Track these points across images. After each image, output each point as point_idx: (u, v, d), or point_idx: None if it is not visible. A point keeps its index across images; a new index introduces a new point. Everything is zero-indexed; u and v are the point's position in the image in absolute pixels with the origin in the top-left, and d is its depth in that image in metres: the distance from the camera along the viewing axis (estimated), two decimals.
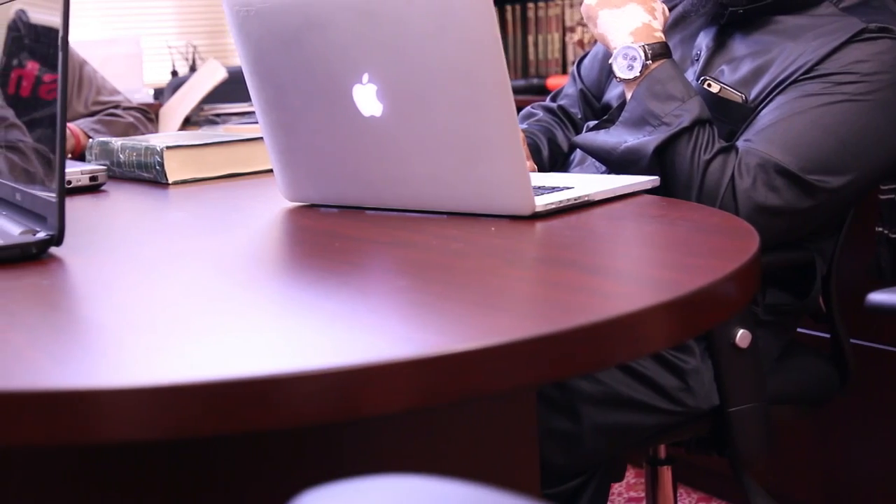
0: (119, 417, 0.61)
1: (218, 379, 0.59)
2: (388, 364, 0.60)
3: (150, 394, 0.60)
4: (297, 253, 0.98)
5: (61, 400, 0.62)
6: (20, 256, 0.99)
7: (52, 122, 1.05)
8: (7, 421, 0.62)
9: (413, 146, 1.11)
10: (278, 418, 0.61)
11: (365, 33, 1.09)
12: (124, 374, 0.63)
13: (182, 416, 0.60)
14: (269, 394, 0.60)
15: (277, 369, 0.60)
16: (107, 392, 0.61)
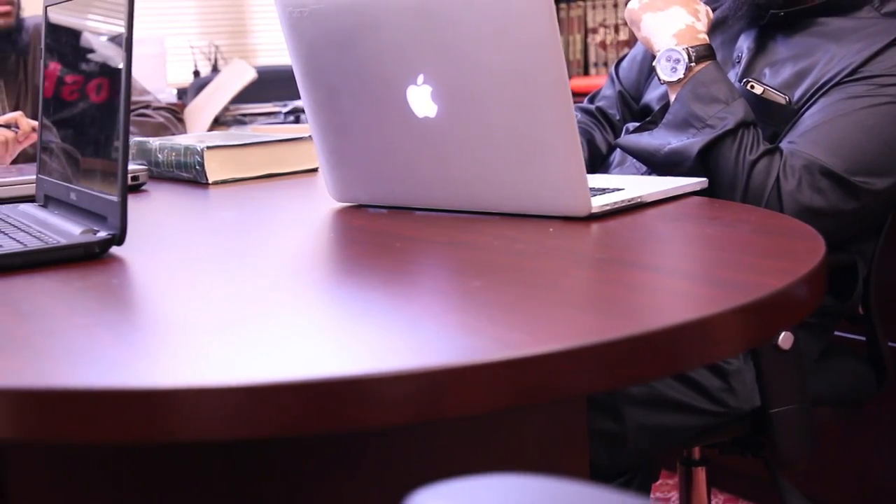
0: (217, 415, 0.62)
1: (318, 377, 0.60)
2: (483, 364, 0.61)
3: (248, 392, 0.61)
4: (359, 253, 0.99)
5: (153, 398, 0.63)
6: (83, 255, 0.99)
7: (107, 123, 1.05)
8: (101, 418, 0.63)
9: (467, 147, 1.11)
10: (376, 417, 0.62)
11: (421, 35, 1.09)
12: (220, 373, 0.63)
13: (283, 415, 0.60)
14: (368, 392, 0.60)
15: (375, 368, 0.60)
16: (206, 390, 0.61)
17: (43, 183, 1.26)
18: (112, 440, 0.64)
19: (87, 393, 0.63)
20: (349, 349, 0.66)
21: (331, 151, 1.25)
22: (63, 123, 1.19)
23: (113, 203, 1.01)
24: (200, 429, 0.64)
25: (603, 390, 0.80)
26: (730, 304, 0.69)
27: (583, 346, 0.63)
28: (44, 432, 0.65)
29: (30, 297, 0.87)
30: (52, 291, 0.88)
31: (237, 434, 0.63)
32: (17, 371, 0.67)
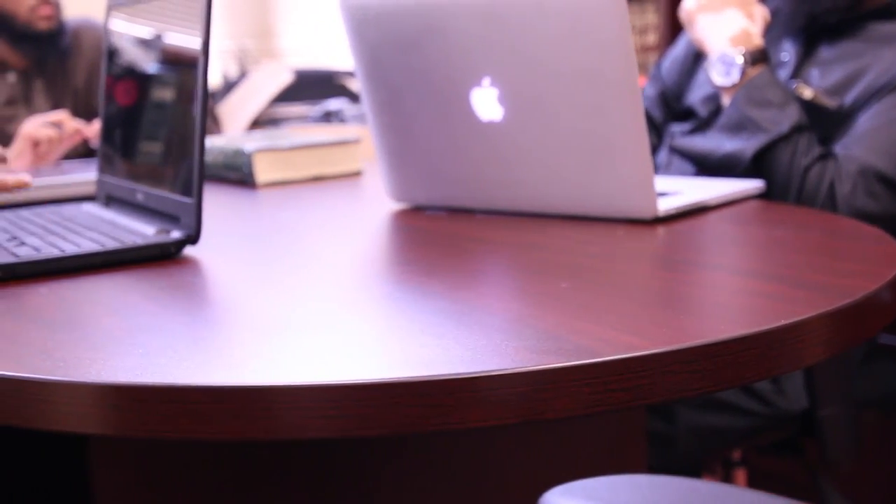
0: (322, 414, 0.63)
1: (431, 377, 0.61)
2: (596, 364, 0.62)
3: (356, 390, 0.62)
4: (435, 254, 1.00)
5: (258, 395, 0.64)
6: (160, 255, 1.00)
7: (180, 125, 1.06)
8: (206, 416, 0.64)
9: (533, 149, 1.12)
10: (486, 417, 0.63)
11: (488, 38, 1.10)
12: (326, 372, 0.65)
13: (394, 414, 0.61)
14: (481, 392, 0.61)
15: (487, 368, 0.61)
16: (311, 388, 0.62)
17: (105, 183, 1.27)
18: (214, 437, 0.65)
19: (194, 390, 0.64)
20: (454, 349, 0.67)
21: (391, 153, 1.26)
22: (129, 125, 1.20)
23: (187, 204, 1.02)
24: (304, 427, 0.65)
25: (707, 392, 0.81)
26: (824, 308, 0.70)
27: (690, 348, 0.63)
28: (144, 429, 0.66)
29: (121, 296, 0.88)
30: (140, 290, 0.89)
31: (346, 433, 0.64)
32: (121, 368, 0.68)
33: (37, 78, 2.06)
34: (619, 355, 0.62)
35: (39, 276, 0.94)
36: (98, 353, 0.70)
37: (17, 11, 1.98)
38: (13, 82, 2.03)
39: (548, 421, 0.72)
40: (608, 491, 0.50)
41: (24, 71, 2.04)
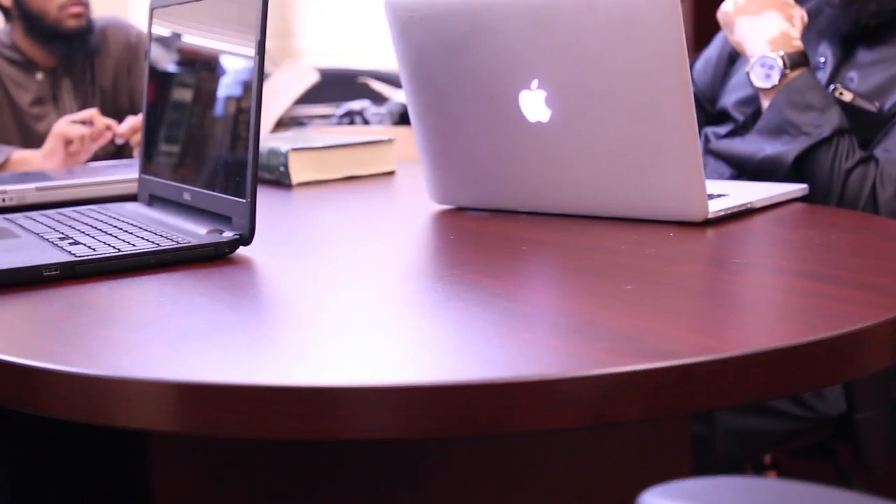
0: (388, 414, 0.63)
1: (503, 379, 0.61)
2: (676, 367, 0.62)
3: (423, 392, 0.62)
4: (489, 255, 1.00)
5: (324, 395, 0.64)
6: (214, 255, 1.01)
7: (232, 126, 1.07)
8: (271, 415, 0.64)
9: (581, 151, 1.12)
10: (557, 419, 0.63)
11: (538, 40, 1.10)
12: (393, 373, 0.65)
13: (461, 415, 0.62)
14: (565, 394, 0.61)
15: (572, 370, 0.62)
16: (379, 389, 0.63)
17: (147, 183, 1.28)
18: (280, 436, 0.66)
19: (277, 390, 0.64)
20: (530, 350, 0.67)
21: (434, 154, 1.26)
22: (174, 126, 1.21)
23: (241, 204, 1.02)
24: (370, 428, 0.65)
25: (781, 396, 0.81)
26: (893, 312, 0.70)
27: (769, 351, 0.64)
28: (212, 427, 0.66)
29: (184, 295, 0.88)
30: (202, 289, 0.90)
31: (427, 434, 0.64)
32: (202, 366, 0.68)
33: (64, 77, 2.06)
34: (699, 357, 0.62)
35: (97, 275, 0.94)
36: (176, 352, 0.71)
37: (47, 10, 1.99)
38: (41, 81, 2.04)
39: (624, 423, 0.72)
40: (709, 492, 0.50)
41: (51, 70, 2.05)
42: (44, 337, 0.77)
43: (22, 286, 0.91)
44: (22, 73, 2.02)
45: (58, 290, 0.90)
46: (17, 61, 2.02)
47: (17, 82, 2.02)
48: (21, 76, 2.02)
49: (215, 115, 1.10)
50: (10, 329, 0.79)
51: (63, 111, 2.04)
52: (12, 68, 2.01)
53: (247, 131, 1.01)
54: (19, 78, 2.02)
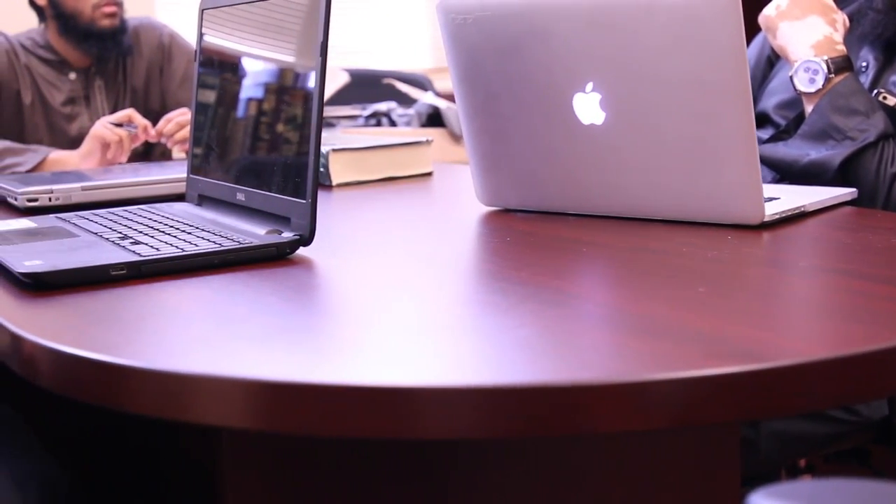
0: (464, 415, 0.64)
1: (591, 381, 0.62)
2: (776, 369, 0.62)
3: (500, 393, 0.62)
4: (546, 256, 1.00)
5: (403, 396, 0.64)
6: (275, 255, 1.01)
7: (291, 126, 1.07)
8: (351, 414, 0.64)
9: (634, 154, 1.13)
10: (642, 422, 0.63)
11: (594, 42, 1.11)
12: (466, 374, 0.65)
13: (533, 417, 0.62)
14: (647, 395, 0.62)
15: (671, 371, 0.62)
16: (456, 390, 0.63)
17: (196, 183, 1.28)
18: (360, 435, 0.66)
19: (345, 389, 0.64)
20: (622, 352, 0.68)
21: (484, 156, 1.26)
22: (227, 127, 1.21)
23: (301, 205, 1.03)
24: (447, 428, 0.65)
25: (867, 400, 0.82)
26: None
27: (861, 354, 0.64)
28: (295, 425, 0.67)
29: (254, 294, 0.88)
30: (271, 289, 0.90)
31: (485, 434, 0.65)
32: (276, 364, 0.68)
33: (97, 77, 2.07)
34: (792, 360, 0.63)
35: (161, 275, 0.95)
36: (258, 351, 0.71)
37: (81, 10, 1.99)
38: (74, 81, 2.05)
39: (711, 425, 0.72)
40: (818, 495, 0.51)
41: (84, 70, 2.06)
42: (124, 335, 0.77)
43: (89, 285, 0.92)
44: (55, 72, 2.03)
45: (126, 289, 0.91)
46: (50, 61, 2.02)
47: (50, 81, 2.02)
48: (54, 76, 2.03)
49: (271, 116, 1.11)
50: (90, 327, 0.79)
51: (95, 111, 2.05)
52: (46, 68, 2.02)
53: (306, 133, 1.02)
54: (52, 77, 2.02)
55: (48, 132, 2.02)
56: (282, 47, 1.10)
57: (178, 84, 2.10)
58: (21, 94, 1.99)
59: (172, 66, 2.11)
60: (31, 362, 0.75)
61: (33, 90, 2.01)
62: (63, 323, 0.81)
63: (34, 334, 0.76)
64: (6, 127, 1.97)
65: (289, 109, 1.08)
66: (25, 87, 2.00)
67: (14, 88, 1.98)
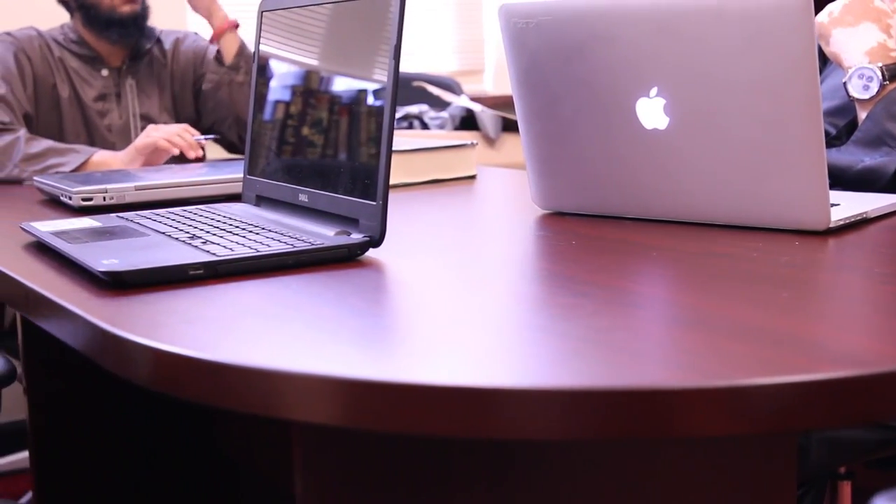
0: (550, 416, 0.64)
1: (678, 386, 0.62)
2: (882, 375, 0.62)
3: (581, 396, 0.63)
4: (622, 261, 1.01)
5: (487, 397, 0.65)
6: (346, 256, 1.02)
7: (361, 128, 1.08)
8: (435, 412, 0.65)
9: (698, 158, 1.13)
10: (744, 424, 0.64)
11: (660, 47, 1.11)
12: (549, 376, 0.66)
13: (615, 419, 0.63)
14: (749, 399, 0.62)
15: (754, 377, 0.62)
16: (539, 392, 0.64)
17: (254, 184, 1.29)
18: (445, 434, 0.67)
19: (436, 389, 0.65)
20: (712, 355, 0.68)
21: (542, 159, 1.27)
22: (289, 129, 1.22)
23: (370, 207, 1.03)
24: (530, 428, 0.66)
25: None
26: None
27: None
28: (380, 423, 0.67)
29: (337, 296, 0.89)
30: (350, 290, 0.90)
31: (567, 435, 0.65)
32: (364, 363, 0.69)
33: (128, 76, 2.08)
34: None
35: (237, 275, 0.95)
36: (348, 350, 0.72)
37: None
38: (106, 77, 2.05)
39: (808, 430, 0.72)
40: None
41: (117, 68, 2.06)
42: (214, 334, 0.78)
43: (167, 284, 0.92)
44: (88, 68, 2.03)
45: (204, 288, 0.91)
46: (83, 56, 2.03)
47: (83, 77, 2.03)
48: (87, 71, 2.03)
49: (337, 119, 1.11)
50: (180, 326, 0.80)
51: (125, 109, 2.06)
52: (79, 62, 2.02)
53: (377, 134, 1.02)
54: (85, 73, 2.03)
55: (84, 127, 2.03)
56: (349, 50, 1.11)
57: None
58: (58, 88, 2.00)
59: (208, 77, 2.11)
60: (128, 361, 0.76)
61: (68, 84, 2.01)
62: (151, 321, 0.82)
63: (129, 332, 0.76)
64: (44, 121, 1.98)
65: (357, 112, 1.08)
66: (61, 81, 2.00)
67: (50, 82, 1.99)
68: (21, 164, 1.75)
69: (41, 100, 1.98)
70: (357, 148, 1.08)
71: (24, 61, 1.96)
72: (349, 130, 1.10)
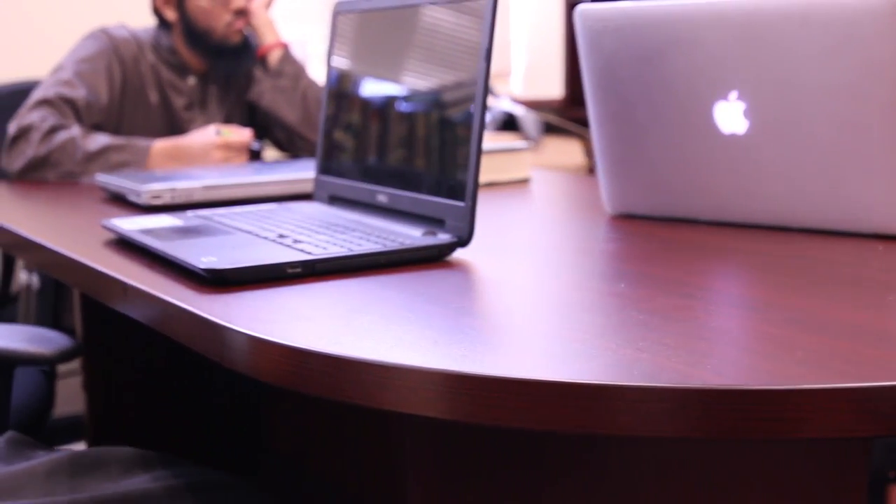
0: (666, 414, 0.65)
1: None
2: None
3: (700, 395, 0.64)
4: (712, 265, 1.01)
5: (602, 393, 0.66)
6: (436, 256, 1.03)
7: (443, 129, 1.09)
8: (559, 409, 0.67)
9: (777, 163, 1.14)
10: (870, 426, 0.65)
11: (742, 51, 1.12)
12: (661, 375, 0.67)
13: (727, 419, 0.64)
14: (872, 401, 0.63)
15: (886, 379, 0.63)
16: (656, 390, 0.65)
17: (327, 184, 1.30)
18: (560, 429, 0.68)
19: (542, 384, 0.67)
20: (832, 356, 0.69)
21: (614, 162, 1.28)
22: (366, 129, 1.23)
23: (458, 207, 1.04)
24: (646, 426, 0.67)
25: None
26: None
27: None
28: (489, 416, 0.68)
29: (441, 294, 0.90)
30: (449, 288, 0.92)
31: (685, 433, 0.66)
32: (481, 359, 0.70)
33: (212, 84, 2.07)
34: None
35: (332, 274, 0.96)
36: (463, 346, 0.73)
37: (214, 28, 1.99)
38: (192, 86, 2.05)
39: None
40: None
41: (202, 76, 2.06)
42: (331, 330, 0.79)
43: (264, 282, 0.93)
44: (177, 76, 2.03)
45: (304, 286, 0.93)
46: (173, 64, 2.03)
47: (174, 85, 2.03)
48: (176, 79, 2.03)
49: (422, 120, 1.12)
50: (298, 322, 0.81)
51: (209, 117, 2.06)
52: (168, 70, 2.02)
53: (466, 136, 1.03)
54: (175, 81, 2.03)
55: (172, 134, 2.02)
56: (433, 52, 1.12)
57: None
58: (147, 94, 1.99)
59: (280, 83, 2.11)
60: (253, 358, 0.77)
61: (158, 91, 2.01)
62: (266, 317, 0.83)
63: (250, 329, 0.77)
64: (130, 125, 1.97)
65: (443, 114, 1.09)
66: (151, 87, 2.00)
67: (140, 88, 1.99)
68: (83, 163, 1.76)
69: (128, 104, 1.97)
70: (444, 149, 1.09)
71: (116, 65, 1.95)
72: (435, 132, 1.11)
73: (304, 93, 2.06)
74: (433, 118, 1.11)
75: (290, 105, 2.06)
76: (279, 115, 2.06)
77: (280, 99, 2.06)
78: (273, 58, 2.07)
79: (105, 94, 1.91)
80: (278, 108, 2.06)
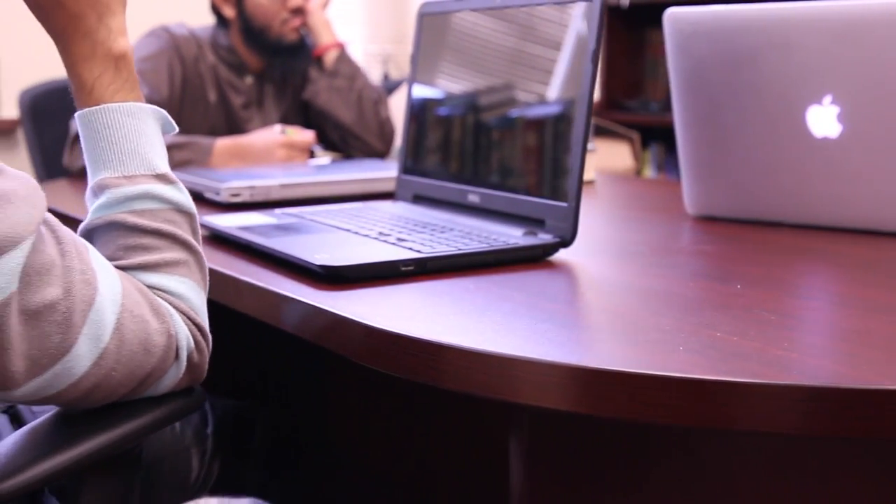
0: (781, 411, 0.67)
1: None
2: None
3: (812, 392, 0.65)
4: (817, 267, 1.02)
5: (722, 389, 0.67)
6: (540, 256, 1.04)
7: (549, 130, 1.10)
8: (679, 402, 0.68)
9: (871, 166, 1.14)
10: None
11: (839, 55, 1.13)
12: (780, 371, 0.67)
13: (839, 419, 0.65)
14: None
15: None
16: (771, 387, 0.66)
17: (411, 183, 1.30)
18: (675, 423, 0.69)
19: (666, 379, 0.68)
20: None
21: (699, 165, 1.28)
22: (456, 129, 1.23)
23: (561, 207, 1.05)
24: (763, 422, 0.68)
25: None
26: None
27: None
28: (609, 409, 0.70)
29: (558, 292, 0.91)
30: (560, 286, 0.93)
31: (798, 431, 0.67)
32: (603, 354, 0.71)
33: (268, 83, 2.08)
34: None
35: (442, 272, 0.97)
36: (584, 341, 0.74)
37: (270, 24, 2.00)
38: (250, 85, 2.06)
39: None
40: None
41: (259, 75, 2.07)
42: (461, 326, 0.80)
43: (378, 280, 0.94)
44: (235, 75, 2.04)
45: (417, 284, 0.93)
46: (231, 63, 2.04)
47: (232, 84, 2.04)
48: (234, 78, 2.04)
49: (520, 122, 1.13)
50: (436, 317, 0.82)
51: (266, 116, 2.07)
52: (226, 69, 2.03)
53: (569, 136, 1.04)
54: (233, 80, 2.04)
55: (230, 133, 2.03)
56: (530, 55, 1.12)
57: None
58: (207, 93, 2.00)
59: (335, 83, 2.12)
60: (380, 352, 0.78)
61: (216, 90, 2.02)
62: (395, 314, 0.83)
63: (383, 325, 0.78)
64: (188, 124, 1.98)
65: (545, 115, 1.10)
66: (210, 86, 2.01)
67: (200, 86, 2.00)
68: None
69: (188, 103, 1.98)
70: (546, 149, 1.09)
71: (176, 63, 1.96)
72: (535, 132, 1.11)
73: (359, 93, 2.07)
74: (530, 119, 1.12)
75: (346, 105, 2.07)
76: (334, 114, 2.07)
77: (335, 99, 2.07)
78: (329, 58, 2.08)
79: (166, 92, 1.93)
80: (333, 108, 2.07)
